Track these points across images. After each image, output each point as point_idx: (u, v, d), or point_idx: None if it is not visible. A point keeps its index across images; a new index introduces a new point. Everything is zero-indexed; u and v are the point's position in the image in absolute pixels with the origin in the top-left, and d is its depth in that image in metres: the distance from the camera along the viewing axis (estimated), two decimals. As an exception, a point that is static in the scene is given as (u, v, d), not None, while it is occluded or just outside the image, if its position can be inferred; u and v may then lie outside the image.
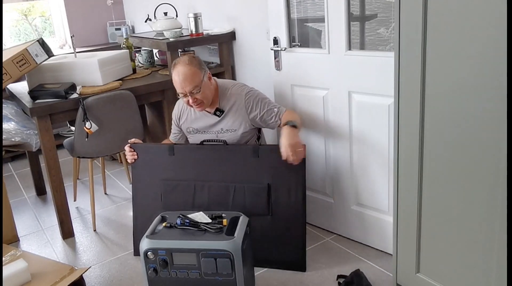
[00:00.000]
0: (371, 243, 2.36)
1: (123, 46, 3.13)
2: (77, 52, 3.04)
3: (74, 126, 2.61)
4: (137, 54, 3.41)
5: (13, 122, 2.79)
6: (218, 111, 2.27)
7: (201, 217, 1.92)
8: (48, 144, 2.55)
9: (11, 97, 2.90)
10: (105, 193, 3.26)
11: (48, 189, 2.95)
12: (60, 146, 2.95)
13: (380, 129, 2.12)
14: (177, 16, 3.29)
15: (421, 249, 1.82)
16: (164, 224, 1.92)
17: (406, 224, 1.84)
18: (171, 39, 2.97)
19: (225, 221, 1.88)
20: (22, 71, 2.48)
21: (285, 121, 2.17)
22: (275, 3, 2.36)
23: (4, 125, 2.74)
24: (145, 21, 3.40)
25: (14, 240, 2.72)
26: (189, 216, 1.91)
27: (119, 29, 4.42)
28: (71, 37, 3.35)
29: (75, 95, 2.58)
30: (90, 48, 4.14)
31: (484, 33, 1.39)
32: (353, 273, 2.07)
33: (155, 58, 3.50)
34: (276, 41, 2.42)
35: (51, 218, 2.96)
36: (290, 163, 2.06)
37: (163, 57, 3.37)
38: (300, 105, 2.44)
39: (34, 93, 2.55)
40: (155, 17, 3.39)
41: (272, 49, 2.45)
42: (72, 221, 2.77)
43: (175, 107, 2.42)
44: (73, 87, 2.61)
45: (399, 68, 1.68)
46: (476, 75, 1.44)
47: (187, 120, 2.35)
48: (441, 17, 1.50)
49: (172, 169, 2.31)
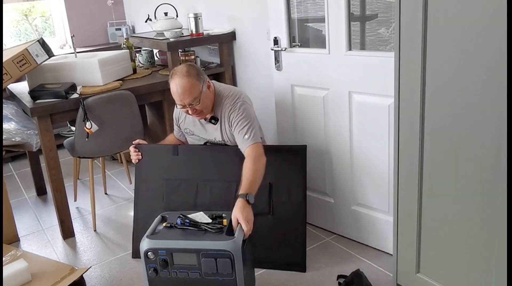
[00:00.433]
0: (371, 243, 2.36)
1: (124, 46, 3.13)
2: (77, 52, 3.04)
3: (74, 126, 2.62)
4: (137, 54, 3.41)
5: (13, 122, 2.79)
6: (213, 119, 2.21)
7: (201, 217, 1.91)
8: (49, 144, 2.55)
9: (12, 97, 2.90)
10: (106, 193, 3.26)
11: (49, 189, 2.95)
12: (60, 146, 2.95)
13: (380, 129, 2.12)
14: (177, 16, 3.29)
15: (421, 249, 1.82)
16: (164, 224, 1.92)
17: (406, 224, 1.84)
18: (171, 39, 2.97)
19: (225, 221, 1.88)
20: (22, 71, 2.48)
21: (244, 190, 1.92)
22: (275, 3, 2.36)
23: (4, 125, 2.74)
24: (146, 21, 3.40)
25: (14, 240, 2.72)
26: (189, 216, 1.91)
27: (119, 29, 4.42)
28: (71, 37, 3.35)
29: (75, 95, 2.58)
30: (91, 48, 4.14)
31: (484, 33, 1.39)
32: (353, 273, 2.07)
33: (156, 58, 3.50)
34: (276, 41, 2.42)
35: (51, 218, 2.96)
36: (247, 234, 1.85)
37: (164, 57, 3.37)
38: (300, 105, 2.44)
39: (34, 93, 2.55)
40: (155, 17, 3.39)
41: (272, 49, 2.45)
42: (73, 221, 2.77)
43: (176, 106, 2.41)
44: (73, 87, 2.61)
45: (400, 68, 1.68)
46: (476, 75, 1.44)
47: (185, 122, 2.36)
48: (441, 17, 1.50)
49: (176, 169, 2.32)
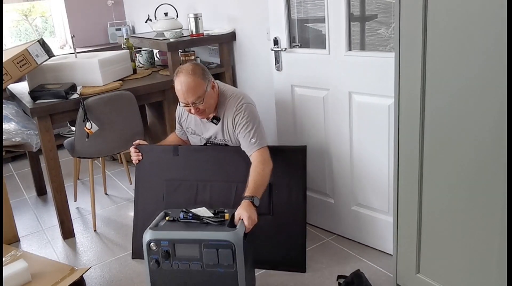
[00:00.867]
0: (371, 243, 2.36)
1: (124, 46, 3.13)
2: (77, 53, 3.04)
3: (74, 126, 2.62)
4: (137, 55, 3.41)
5: (13, 122, 2.80)
6: (215, 119, 2.21)
7: (203, 211, 1.94)
8: (49, 144, 2.55)
9: (12, 97, 2.90)
10: (106, 194, 3.26)
11: (49, 189, 2.95)
12: (60, 146, 2.95)
13: (380, 129, 2.12)
14: (177, 16, 3.30)
15: (421, 249, 1.82)
16: (167, 218, 1.95)
17: (406, 224, 1.84)
18: (171, 40, 2.97)
19: (227, 216, 1.91)
20: (22, 71, 2.48)
21: (250, 192, 1.93)
22: (275, 4, 2.36)
23: (4, 125, 2.74)
24: (146, 22, 3.40)
25: (14, 240, 2.72)
26: (192, 210, 1.93)
27: (119, 29, 4.42)
28: (71, 37, 3.35)
29: (75, 96, 2.58)
30: (91, 49, 4.14)
31: (484, 33, 1.39)
32: (353, 273, 2.07)
33: (156, 59, 3.51)
34: (276, 42, 2.42)
35: (51, 218, 2.96)
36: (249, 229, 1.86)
37: (164, 58, 3.37)
38: (300, 105, 2.44)
39: (34, 93, 2.55)
40: (155, 17, 3.39)
41: (272, 50, 2.45)
42: (73, 221, 2.77)
43: (178, 104, 2.41)
44: (73, 88, 2.61)
45: (399, 69, 1.68)
46: (476, 75, 1.44)
47: (187, 120, 2.36)
48: (441, 17, 1.50)
49: (176, 169, 2.32)
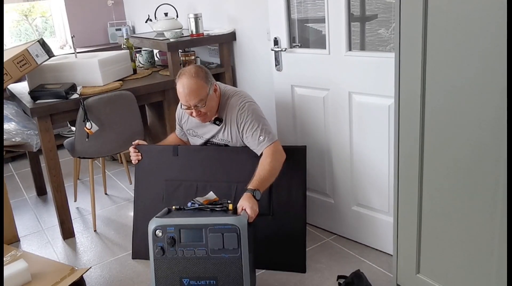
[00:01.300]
0: (371, 243, 2.36)
1: (124, 46, 3.13)
2: (77, 53, 3.04)
3: (74, 126, 2.62)
4: (137, 55, 3.41)
5: (13, 123, 2.80)
6: (218, 121, 2.21)
7: (210, 195, 2.11)
8: (49, 144, 2.55)
9: (12, 97, 2.90)
10: (106, 194, 3.26)
11: (49, 189, 2.95)
12: (60, 146, 2.95)
13: (380, 129, 2.13)
14: (177, 16, 3.29)
15: (421, 249, 1.82)
16: (174, 207, 2.01)
17: (406, 224, 1.84)
18: (171, 40, 2.97)
19: (230, 206, 1.96)
20: (22, 71, 2.48)
21: (253, 186, 1.96)
22: (275, 4, 2.36)
23: (4, 125, 2.75)
24: (146, 22, 3.40)
25: (14, 240, 2.72)
26: (201, 197, 2.05)
27: (119, 29, 4.42)
28: (71, 37, 3.35)
29: (75, 96, 2.58)
30: (91, 49, 4.14)
31: (484, 33, 1.39)
32: (353, 273, 2.07)
33: (156, 59, 3.51)
34: (276, 42, 2.42)
35: (51, 218, 2.96)
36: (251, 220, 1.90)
37: (164, 58, 3.37)
38: (300, 105, 2.44)
39: (34, 93, 2.55)
40: (155, 17, 3.40)
41: (272, 50, 2.45)
42: (73, 221, 2.77)
43: (179, 105, 2.41)
44: (73, 88, 2.61)
45: (400, 69, 1.68)
46: (476, 75, 1.44)
47: (187, 122, 2.35)
48: (441, 17, 1.50)
49: (176, 169, 2.32)
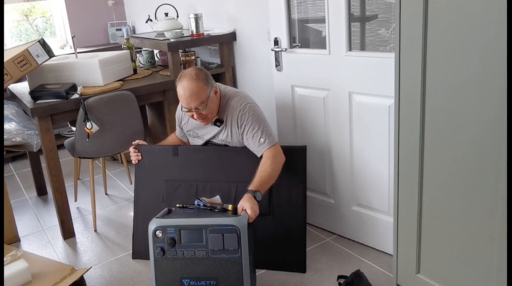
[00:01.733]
0: (371, 243, 2.36)
1: (124, 46, 3.14)
2: (78, 53, 3.04)
3: (75, 126, 2.62)
4: (138, 55, 3.41)
5: (14, 123, 2.80)
6: (218, 122, 2.21)
7: (216, 199, 2.14)
8: (49, 144, 2.55)
9: (12, 97, 2.91)
10: (106, 194, 3.27)
11: (49, 189, 2.95)
12: (61, 146, 2.95)
13: (380, 129, 2.13)
14: (177, 16, 3.30)
15: (421, 249, 1.82)
16: (177, 206, 2.03)
17: (406, 224, 1.85)
18: (171, 40, 2.97)
19: (230, 206, 1.98)
20: (23, 71, 2.49)
21: (254, 187, 1.98)
22: (275, 4, 2.36)
23: (5, 125, 2.75)
24: (146, 22, 3.40)
25: (14, 240, 2.73)
26: (205, 199, 2.07)
27: (120, 29, 4.42)
28: (72, 37, 3.35)
29: (76, 96, 2.58)
30: (91, 49, 4.14)
31: (484, 33, 1.39)
32: (353, 273, 2.07)
33: (156, 59, 3.51)
34: (276, 42, 2.42)
35: (51, 218, 2.96)
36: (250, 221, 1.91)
37: (164, 58, 3.38)
38: (301, 105, 2.44)
39: (35, 93, 2.55)
40: (155, 17, 3.40)
41: (272, 50, 2.45)
42: (73, 221, 2.77)
43: (178, 107, 2.41)
44: (74, 88, 2.61)
45: (400, 69, 1.68)
46: (476, 75, 1.44)
47: (188, 123, 2.35)
48: (441, 17, 1.50)
49: (176, 169, 2.32)
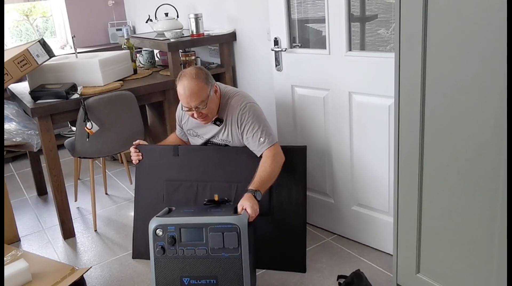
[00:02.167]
0: (371, 243, 2.36)
1: (124, 46, 3.14)
2: (78, 53, 3.05)
3: (75, 126, 2.62)
4: (138, 55, 3.41)
5: (14, 122, 2.80)
6: (218, 121, 2.21)
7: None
8: (49, 144, 2.55)
9: (12, 97, 2.91)
10: (106, 193, 3.27)
11: (49, 189, 2.95)
12: (61, 146, 2.95)
13: (380, 129, 2.13)
14: (178, 16, 3.30)
15: (421, 249, 1.82)
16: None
17: (406, 224, 1.85)
18: (172, 40, 2.97)
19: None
20: (23, 71, 2.49)
21: (254, 186, 1.99)
22: (275, 4, 2.36)
23: (5, 125, 2.75)
24: (146, 22, 3.40)
25: (15, 240, 2.73)
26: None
27: (120, 29, 4.42)
28: (72, 37, 3.35)
29: (76, 96, 2.58)
30: (91, 49, 4.14)
31: (484, 33, 1.39)
32: (353, 273, 2.07)
33: (156, 59, 3.51)
34: (276, 42, 2.42)
35: (52, 218, 2.96)
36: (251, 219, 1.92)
37: (164, 58, 3.38)
38: (301, 105, 2.44)
39: (35, 93, 2.55)
40: (156, 17, 3.40)
41: (272, 50, 2.45)
42: (73, 221, 2.77)
43: (179, 106, 2.41)
44: (74, 88, 2.61)
45: (400, 69, 1.68)
46: (476, 75, 1.45)
47: (188, 122, 2.35)
48: (441, 17, 1.50)
49: (176, 169, 2.33)
